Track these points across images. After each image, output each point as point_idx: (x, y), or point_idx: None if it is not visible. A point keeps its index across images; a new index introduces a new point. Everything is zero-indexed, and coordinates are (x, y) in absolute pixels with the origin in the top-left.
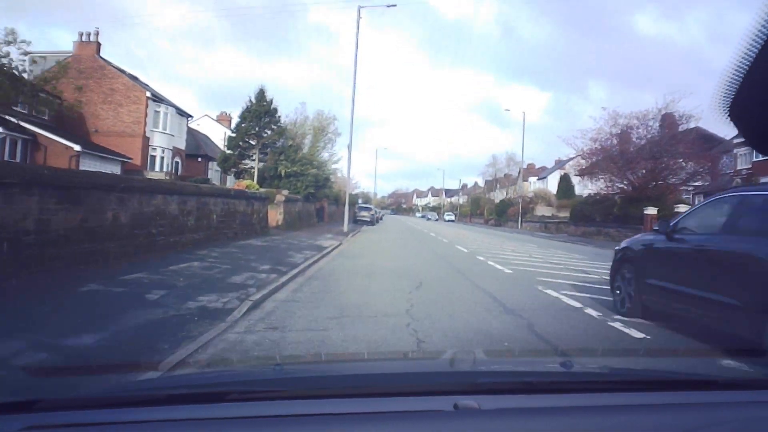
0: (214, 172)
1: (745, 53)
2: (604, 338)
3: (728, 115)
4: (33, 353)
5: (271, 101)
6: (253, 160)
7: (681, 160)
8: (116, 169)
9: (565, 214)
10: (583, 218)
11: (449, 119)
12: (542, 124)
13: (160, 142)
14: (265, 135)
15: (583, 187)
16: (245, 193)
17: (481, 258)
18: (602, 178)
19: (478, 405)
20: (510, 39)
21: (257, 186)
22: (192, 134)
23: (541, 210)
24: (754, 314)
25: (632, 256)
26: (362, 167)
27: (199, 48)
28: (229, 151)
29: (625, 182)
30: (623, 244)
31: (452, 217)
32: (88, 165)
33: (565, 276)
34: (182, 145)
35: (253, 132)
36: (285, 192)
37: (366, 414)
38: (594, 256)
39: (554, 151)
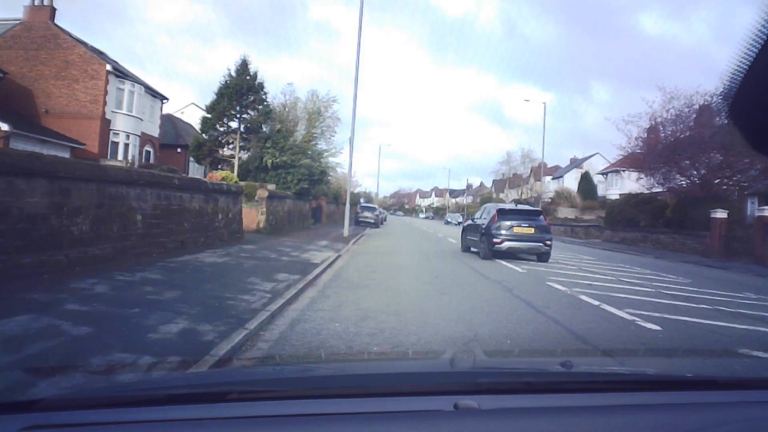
0: (199, 166)
1: (745, 53)
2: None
3: (728, 115)
4: None
5: (256, 75)
6: (233, 148)
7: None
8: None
9: (589, 216)
10: (623, 221)
11: (451, 119)
12: (547, 125)
13: (124, 126)
14: (247, 117)
15: (608, 187)
16: (202, 185)
17: (561, 287)
18: (659, 172)
19: (478, 405)
20: (512, 38)
21: (236, 178)
22: (172, 122)
23: (564, 212)
24: (480, 242)
25: (464, 227)
26: (363, 168)
27: (199, 44)
28: (204, 136)
29: (683, 179)
30: (464, 224)
31: (460, 219)
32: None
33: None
34: (155, 132)
35: (233, 112)
36: (271, 186)
37: (366, 414)
38: (693, 279)
39: (555, 151)
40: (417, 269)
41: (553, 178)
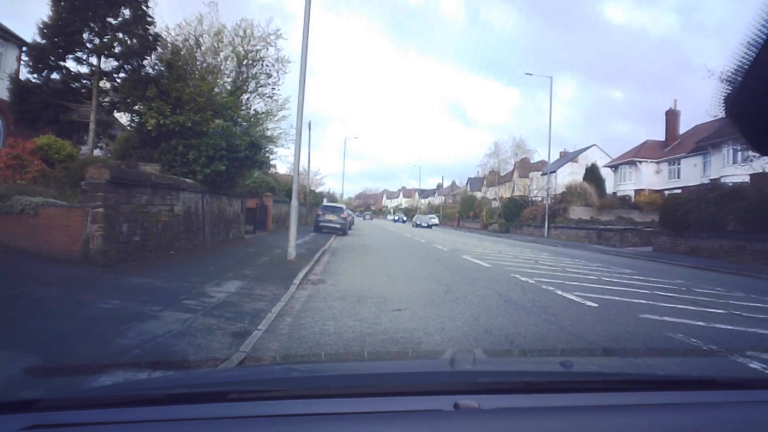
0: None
1: (745, 53)
2: None
3: (728, 115)
4: None
5: None
6: (89, 104)
7: None
8: None
9: (608, 217)
10: (691, 224)
11: (415, 121)
12: (511, 123)
13: None
14: (113, 46)
15: (619, 182)
16: None
17: None
18: None
19: (478, 405)
20: (477, 34)
21: (71, 149)
22: None
23: (577, 212)
24: None
25: None
26: (325, 168)
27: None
28: (32, 77)
29: None
30: None
31: (436, 221)
32: None
33: None
34: (2, 94)
35: (85, 37)
36: (149, 168)
37: (366, 414)
38: None
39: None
40: None
41: (542, 174)
